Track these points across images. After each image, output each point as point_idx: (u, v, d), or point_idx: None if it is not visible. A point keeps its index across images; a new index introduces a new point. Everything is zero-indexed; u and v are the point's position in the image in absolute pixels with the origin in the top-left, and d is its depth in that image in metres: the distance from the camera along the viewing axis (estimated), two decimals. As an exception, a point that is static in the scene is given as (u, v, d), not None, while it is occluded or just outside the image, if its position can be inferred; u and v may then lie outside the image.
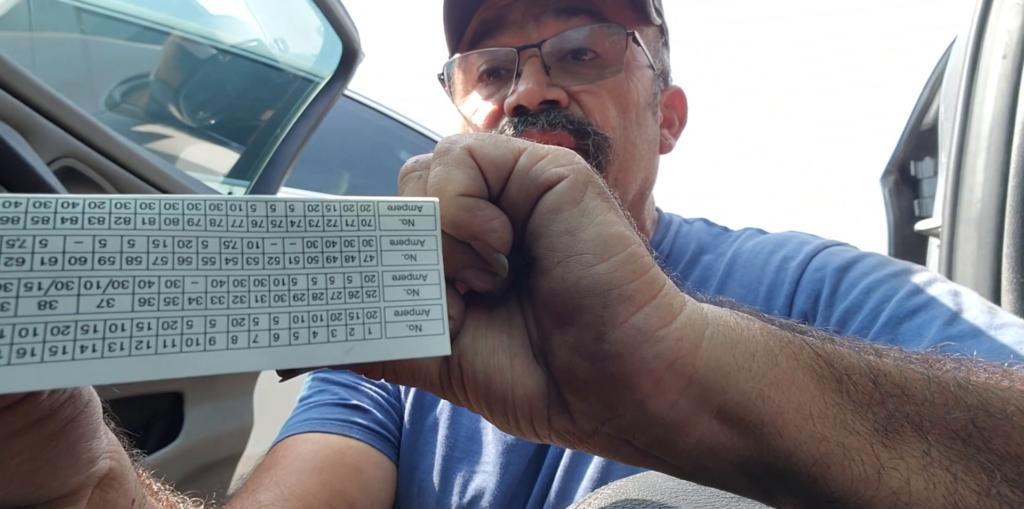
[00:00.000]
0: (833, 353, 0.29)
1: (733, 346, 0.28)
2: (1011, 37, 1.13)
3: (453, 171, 0.29)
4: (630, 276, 0.27)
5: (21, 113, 0.90)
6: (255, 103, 1.67)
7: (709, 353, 0.28)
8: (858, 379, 0.29)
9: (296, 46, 1.65)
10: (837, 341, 0.31)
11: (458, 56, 0.72)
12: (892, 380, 0.29)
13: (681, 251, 0.73)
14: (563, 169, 0.29)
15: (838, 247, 0.66)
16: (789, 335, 0.30)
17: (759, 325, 0.30)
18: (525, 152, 0.30)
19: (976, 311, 0.52)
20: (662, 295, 0.28)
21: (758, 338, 0.29)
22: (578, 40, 0.66)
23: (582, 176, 0.29)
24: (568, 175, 0.29)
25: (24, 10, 1.15)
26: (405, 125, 3.16)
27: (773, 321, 0.32)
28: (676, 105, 0.79)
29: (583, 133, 0.64)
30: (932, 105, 1.85)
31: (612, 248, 0.28)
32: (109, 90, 1.36)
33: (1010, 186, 1.09)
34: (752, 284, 0.65)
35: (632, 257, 0.28)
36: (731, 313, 0.30)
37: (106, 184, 1.07)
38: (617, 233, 0.28)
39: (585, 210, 0.28)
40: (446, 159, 0.30)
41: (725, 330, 0.29)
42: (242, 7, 1.61)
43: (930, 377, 0.29)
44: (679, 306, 0.28)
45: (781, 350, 0.29)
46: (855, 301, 0.57)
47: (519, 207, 0.29)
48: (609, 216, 0.29)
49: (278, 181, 1.57)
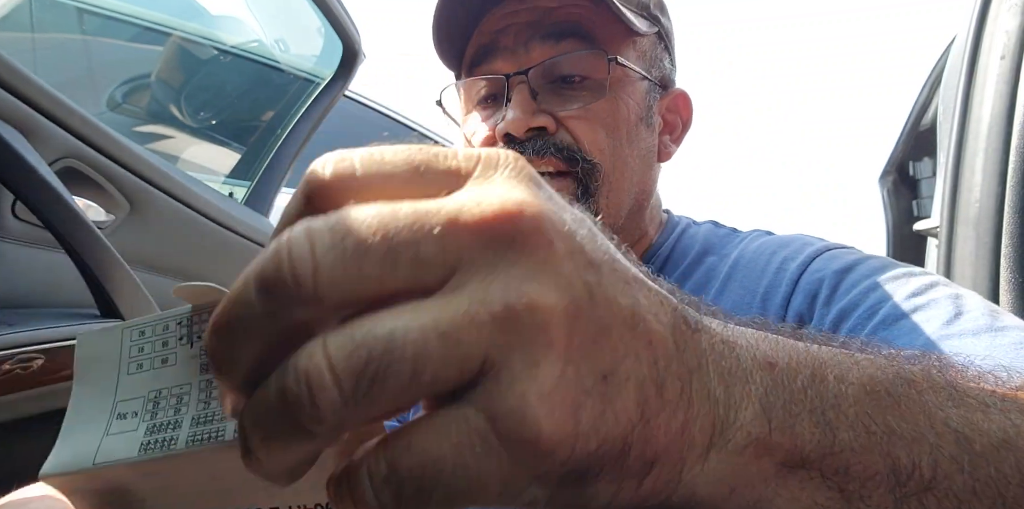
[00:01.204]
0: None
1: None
2: (1009, 37, 1.13)
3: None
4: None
5: (23, 113, 0.91)
6: (256, 104, 1.67)
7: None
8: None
9: (297, 47, 1.66)
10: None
11: (454, 83, 0.75)
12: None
13: (684, 252, 0.74)
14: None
15: (841, 250, 0.66)
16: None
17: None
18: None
19: (977, 313, 0.51)
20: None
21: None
22: (563, 66, 0.68)
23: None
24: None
25: (26, 11, 1.15)
26: (405, 125, 3.16)
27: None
28: (680, 108, 0.79)
29: (572, 160, 0.66)
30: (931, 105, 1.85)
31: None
32: (110, 91, 1.36)
33: (1008, 186, 1.09)
34: (751, 285, 0.65)
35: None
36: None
37: (107, 184, 1.07)
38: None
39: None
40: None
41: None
42: (243, 8, 1.61)
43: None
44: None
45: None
46: (853, 300, 0.57)
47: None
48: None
49: (279, 181, 1.57)
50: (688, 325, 0.25)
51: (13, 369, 0.86)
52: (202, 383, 0.28)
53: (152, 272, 1.20)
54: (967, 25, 1.21)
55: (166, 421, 0.28)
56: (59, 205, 0.90)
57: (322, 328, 0.19)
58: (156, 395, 0.28)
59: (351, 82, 1.63)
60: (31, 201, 0.89)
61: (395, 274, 0.19)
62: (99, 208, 1.09)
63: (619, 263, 0.24)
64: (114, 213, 1.11)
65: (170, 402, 0.28)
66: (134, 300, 1.01)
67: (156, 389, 0.28)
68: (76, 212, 0.92)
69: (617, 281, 0.23)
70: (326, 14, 1.45)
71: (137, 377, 0.29)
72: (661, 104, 0.76)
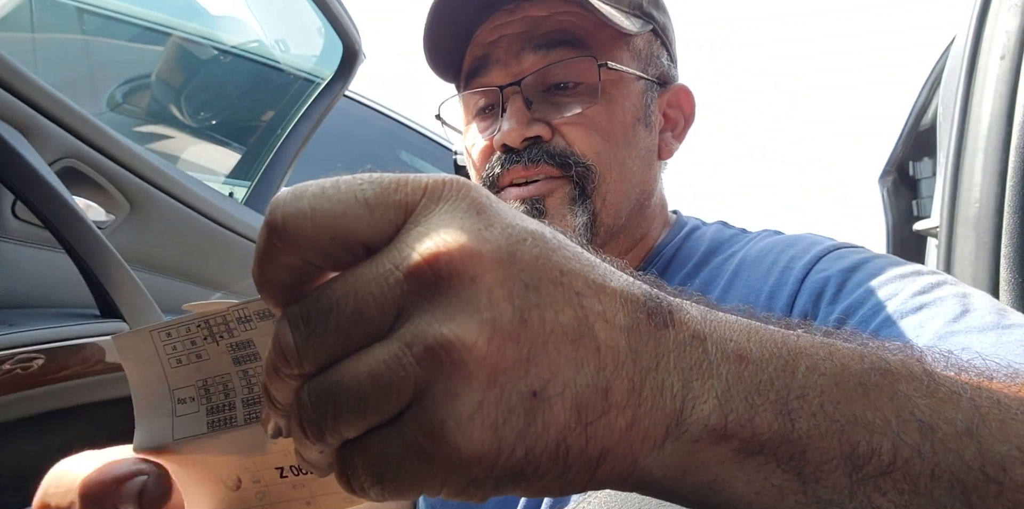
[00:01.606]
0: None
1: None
2: (1009, 38, 1.13)
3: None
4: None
5: (23, 113, 0.91)
6: (256, 104, 1.67)
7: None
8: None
9: (297, 47, 1.66)
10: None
11: (452, 97, 0.77)
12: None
13: (690, 253, 0.74)
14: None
15: (848, 249, 0.66)
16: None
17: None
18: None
19: (984, 311, 0.51)
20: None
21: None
22: (555, 75, 0.69)
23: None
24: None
25: (27, 11, 1.15)
26: (405, 125, 3.16)
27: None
28: (682, 104, 0.79)
29: (565, 165, 0.67)
30: (930, 105, 1.85)
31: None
32: (111, 91, 1.36)
33: (1008, 186, 1.09)
34: (757, 284, 0.65)
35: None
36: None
37: (107, 184, 1.07)
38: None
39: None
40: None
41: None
42: (243, 8, 1.61)
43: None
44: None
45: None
46: (858, 298, 0.57)
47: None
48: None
49: (279, 181, 1.57)
50: (652, 323, 0.27)
51: (13, 369, 0.86)
52: (240, 373, 0.34)
53: (152, 272, 1.20)
54: (967, 25, 1.21)
55: (220, 403, 0.34)
56: (59, 205, 0.90)
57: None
58: (204, 383, 0.35)
59: (351, 82, 1.63)
60: (31, 201, 0.89)
61: (350, 341, 0.24)
62: (99, 208, 1.09)
63: (568, 275, 0.26)
64: (114, 213, 1.11)
65: (218, 388, 0.34)
66: (134, 300, 1.01)
67: (202, 379, 0.34)
68: (76, 212, 0.92)
69: (560, 297, 0.25)
70: (326, 14, 1.45)
71: (181, 370, 0.35)
72: (661, 101, 0.75)
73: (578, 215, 0.68)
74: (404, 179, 0.26)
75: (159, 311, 1.05)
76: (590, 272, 0.26)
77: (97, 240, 0.94)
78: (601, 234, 0.70)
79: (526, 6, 0.69)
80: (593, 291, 0.26)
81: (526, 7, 0.69)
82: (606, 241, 0.71)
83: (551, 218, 0.68)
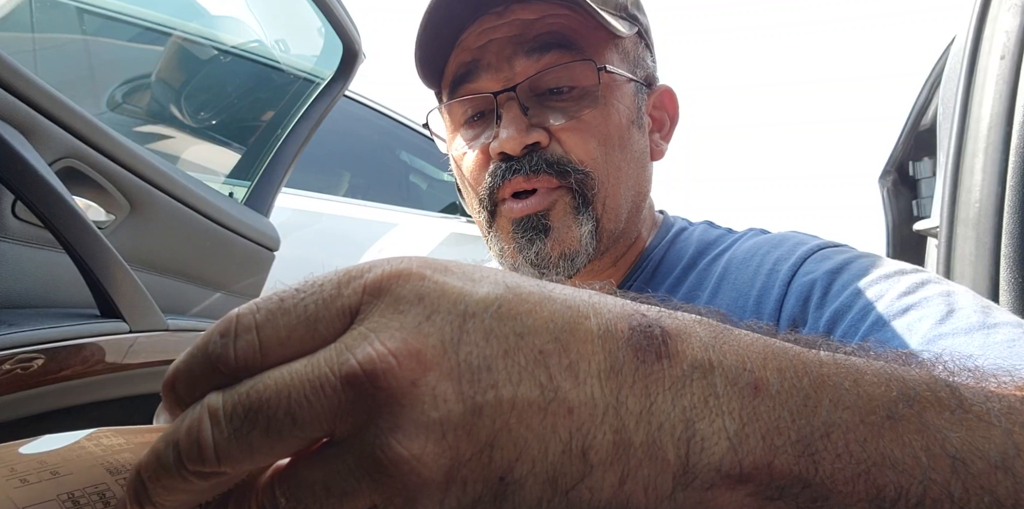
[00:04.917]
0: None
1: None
2: (1009, 38, 1.13)
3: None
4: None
5: (23, 113, 0.91)
6: (256, 104, 1.67)
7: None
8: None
9: (297, 47, 1.66)
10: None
11: (440, 106, 0.74)
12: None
13: (677, 257, 0.74)
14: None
15: (832, 249, 0.66)
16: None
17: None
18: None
19: (969, 310, 0.51)
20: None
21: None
22: (551, 79, 0.68)
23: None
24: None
25: (26, 11, 1.15)
26: (405, 125, 3.16)
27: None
28: (666, 105, 0.79)
29: (564, 173, 0.67)
30: (930, 105, 1.85)
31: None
32: (111, 91, 1.36)
33: (1008, 186, 1.09)
34: (744, 288, 0.65)
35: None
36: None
37: (107, 184, 1.07)
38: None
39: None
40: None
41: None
42: (243, 8, 1.61)
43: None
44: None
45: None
46: (845, 302, 0.57)
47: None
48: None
49: (279, 181, 1.57)
50: (640, 358, 0.25)
51: (13, 369, 0.86)
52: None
53: (152, 272, 1.20)
54: (967, 25, 1.21)
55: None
56: (59, 205, 0.90)
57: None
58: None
59: (351, 82, 1.63)
60: (31, 201, 0.89)
61: (282, 446, 0.23)
62: (99, 208, 1.09)
63: (528, 336, 0.24)
64: (114, 213, 1.11)
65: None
66: (134, 300, 1.01)
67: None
68: (76, 212, 0.92)
69: (517, 367, 0.23)
70: (326, 14, 1.45)
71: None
72: (648, 103, 0.76)
73: (583, 224, 0.68)
74: (346, 280, 0.25)
75: (159, 311, 1.06)
76: (559, 319, 0.25)
77: (97, 240, 0.94)
78: (604, 240, 0.70)
79: (515, 9, 0.67)
80: (559, 345, 0.24)
81: (515, 10, 0.67)
82: (608, 247, 0.71)
83: (557, 231, 0.67)
